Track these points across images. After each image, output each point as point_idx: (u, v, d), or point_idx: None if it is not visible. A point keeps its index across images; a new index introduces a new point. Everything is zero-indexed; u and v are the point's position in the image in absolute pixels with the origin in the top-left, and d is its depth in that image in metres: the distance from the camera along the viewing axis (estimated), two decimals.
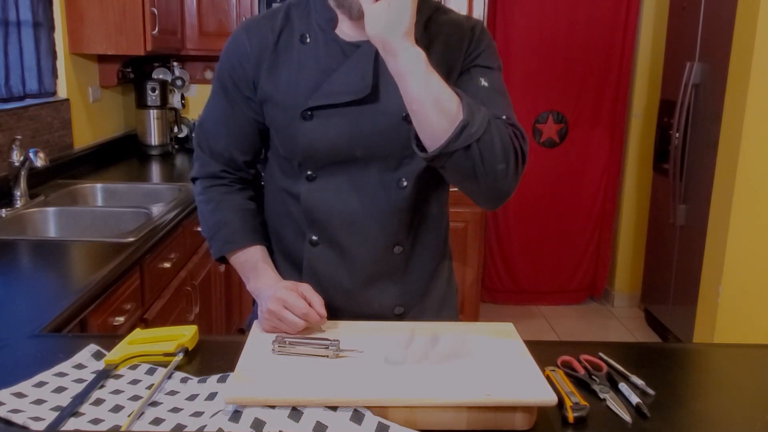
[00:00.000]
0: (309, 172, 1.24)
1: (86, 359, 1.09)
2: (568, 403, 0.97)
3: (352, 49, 1.20)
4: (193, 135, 1.38)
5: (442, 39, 1.23)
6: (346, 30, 1.21)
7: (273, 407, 0.90)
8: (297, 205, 1.27)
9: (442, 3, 3.42)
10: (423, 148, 1.08)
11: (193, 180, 1.37)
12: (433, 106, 1.02)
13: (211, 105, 1.32)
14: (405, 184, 1.23)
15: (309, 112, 1.19)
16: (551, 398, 0.92)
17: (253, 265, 1.27)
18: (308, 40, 1.22)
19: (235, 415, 0.89)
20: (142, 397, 0.98)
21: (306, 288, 1.16)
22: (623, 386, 1.06)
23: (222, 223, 1.30)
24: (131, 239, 1.94)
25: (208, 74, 3.85)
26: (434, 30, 1.24)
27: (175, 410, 0.95)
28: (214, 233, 1.31)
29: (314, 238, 1.26)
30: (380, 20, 1.00)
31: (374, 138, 1.20)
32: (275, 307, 1.13)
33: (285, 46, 1.23)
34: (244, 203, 1.33)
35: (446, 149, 1.03)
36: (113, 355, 1.09)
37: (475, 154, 1.04)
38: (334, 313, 1.29)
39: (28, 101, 2.62)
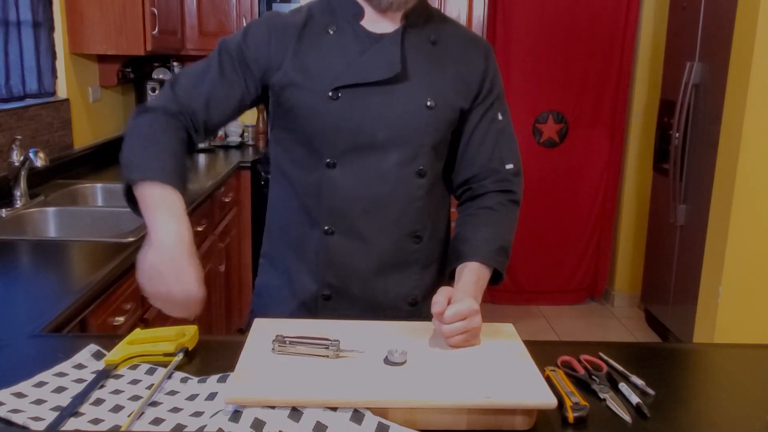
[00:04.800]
0: (329, 159, 1.25)
1: (86, 359, 1.09)
2: (568, 403, 0.97)
3: (377, 38, 1.26)
4: (167, 79, 1.31)
5: (457, 53, 1.31)
6: (371, 23, 1.27)
7: (273, 407, 0.90)
8: (312, 196, 1.28)
9: (442, 5, 3.42)
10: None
11: (142, 108, 1.24)
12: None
13: (199, 63, 1.29)
14: (424, 172, 1.27)
15: (337, 93, 1.23)
16: (551, 401, 0.92)
17: (160, 202, 1.11)
18: (333, 31, 1.27)
19: (235, 415, 0.89)
20: (142, 397, 0.98)
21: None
22: (623, 386, 1.06)
23: (150, 149, 1.16)
24: (131, 239, 1.94)
25: None
26: (446, 41, 1.31)
27: (175, 410, 0.95)
28: (136, 152, 1.16)
29: (327, 228, 1.28)
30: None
31: (397, 122, 1.24)
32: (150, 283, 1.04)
33: (310, 36, 1.27)
34: (184, 141, 1.23)
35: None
36: (113, 355, 1.09)
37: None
38: (351, 300, 1.30)
39: (28, 101, 2.61)
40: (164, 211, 1.10)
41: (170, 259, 1.05)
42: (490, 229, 1.30)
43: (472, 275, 1.23)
